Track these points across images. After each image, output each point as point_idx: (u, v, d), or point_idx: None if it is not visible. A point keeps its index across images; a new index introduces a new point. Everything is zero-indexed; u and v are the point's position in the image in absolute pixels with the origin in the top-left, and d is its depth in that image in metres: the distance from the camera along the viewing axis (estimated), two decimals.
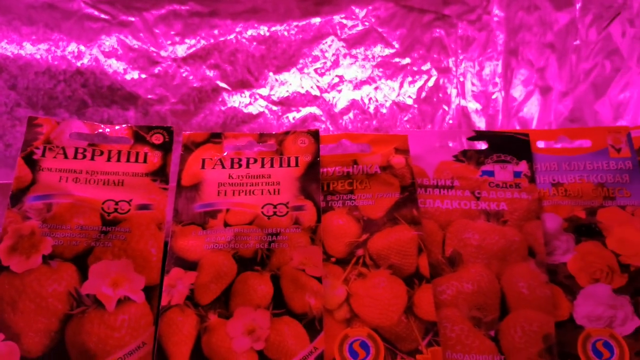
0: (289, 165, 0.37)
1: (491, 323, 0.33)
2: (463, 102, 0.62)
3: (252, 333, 0.31)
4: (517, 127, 0.58)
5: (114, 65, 0.58)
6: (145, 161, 0.36)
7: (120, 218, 0.34)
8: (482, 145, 0.39)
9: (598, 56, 0.50)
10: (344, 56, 0.63)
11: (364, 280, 0.34)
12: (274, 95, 0.61)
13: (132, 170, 0.36)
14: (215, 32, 0.61)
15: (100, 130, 0.37)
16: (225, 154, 0.38)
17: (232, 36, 0.61)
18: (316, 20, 0.63)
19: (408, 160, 0.37)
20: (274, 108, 0.60)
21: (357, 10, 0.64)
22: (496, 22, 0.63)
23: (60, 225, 0.33)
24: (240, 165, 0.37)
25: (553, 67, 0.55)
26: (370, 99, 0.62)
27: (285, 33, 0.62)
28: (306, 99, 0.61)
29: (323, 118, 0.61)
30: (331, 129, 0.60)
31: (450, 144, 0.39)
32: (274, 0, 0.62)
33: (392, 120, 0.61)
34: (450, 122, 0.62)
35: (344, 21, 0.63)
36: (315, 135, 0.38)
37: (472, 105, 0.62)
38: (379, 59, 0.63)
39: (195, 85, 0.59)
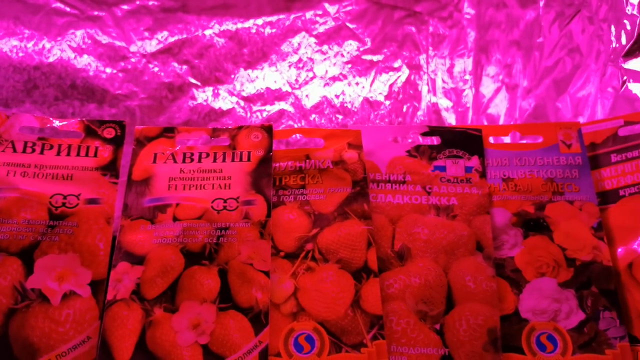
0: (241, 160, 0.37)
1: (437, 316, 0.33)
2: (434, 99, 0.62)
3: (197, 327, 0.31)
4: (485, 124, 0.58)
5: (83, 61, 0.58)
6: (95, 155, 0.36)
7: (68, 212, 0.34)
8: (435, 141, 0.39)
9: (560, 53, 0.50)
10: (315, 52, 0.63)
11: (312, 274, 0.34)
12: (244, 91, 0.61)
13: (82, 165, 0.36)
14: (186, 27, 0.61)
15: (53, 124, 0.37)
16: (177, 148, 0.37)
17: (202, 32, 0.61)
18: (287, 16, 0.63)
19: (361, 155, 0.38)
20: (244, 104, 0.60)
21: (328, 7, 0.64)
22: (467, 19, 0.63)
23: (6, 219, 0.33)
24: (192, 160, 0.37)
25: (519, 64, 0.55)
26: (341, 95, 0.62)
27: (256, 29, 0.62)
28: (277, 95, 0.61)
29: (294, 114, 0.61)
30: (302, 125, 0.60)
31: (407, 139, 0.39)
32: None
33: (363, 117, 0.61)
34: (422, 118, 0.62)
35: (316, 17, 0.63)
36: (268, 130, 0.38)
37: (443, 102, 0.62)
38: (350, 56, 0.63)
39: (164, 80, 0.59)
